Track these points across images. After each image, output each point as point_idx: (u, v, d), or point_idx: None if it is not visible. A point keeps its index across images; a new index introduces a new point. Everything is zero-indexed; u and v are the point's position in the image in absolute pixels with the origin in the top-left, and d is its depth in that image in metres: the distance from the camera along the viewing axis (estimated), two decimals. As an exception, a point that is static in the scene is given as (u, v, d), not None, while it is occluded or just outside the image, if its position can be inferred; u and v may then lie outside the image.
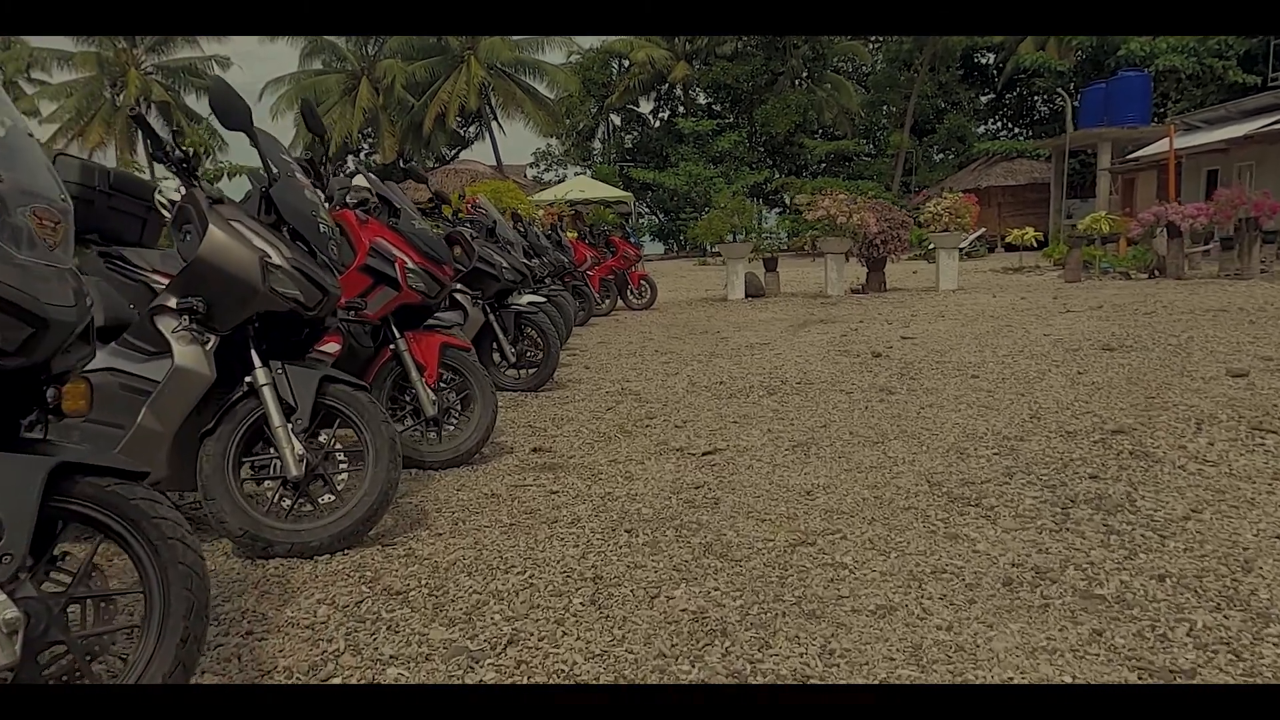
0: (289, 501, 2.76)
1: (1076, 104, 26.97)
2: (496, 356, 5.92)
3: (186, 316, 2.53)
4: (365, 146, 41.04)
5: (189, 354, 2.58)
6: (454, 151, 41.08)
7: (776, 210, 38.59)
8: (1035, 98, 39.65)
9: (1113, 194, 25.35)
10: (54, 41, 36.64)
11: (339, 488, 2.83)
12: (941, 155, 38.64)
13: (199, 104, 39.39)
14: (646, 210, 40.92)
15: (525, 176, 38.63)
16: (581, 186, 25.16)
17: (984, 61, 39.04)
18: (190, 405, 2.63)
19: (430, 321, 4.25)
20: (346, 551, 2.75)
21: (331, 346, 3.32)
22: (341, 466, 2.84)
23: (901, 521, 2.85)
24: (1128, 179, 24.39)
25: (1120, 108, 25.26)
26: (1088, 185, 28.89)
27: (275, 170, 2.74)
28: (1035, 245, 18.94)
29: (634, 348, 8.19)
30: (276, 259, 2.56)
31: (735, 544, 2.71)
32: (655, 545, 2.74)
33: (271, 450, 2.69)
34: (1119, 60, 28.39)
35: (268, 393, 2.62)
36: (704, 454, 3.88)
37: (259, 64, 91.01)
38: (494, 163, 37.22)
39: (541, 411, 5.18)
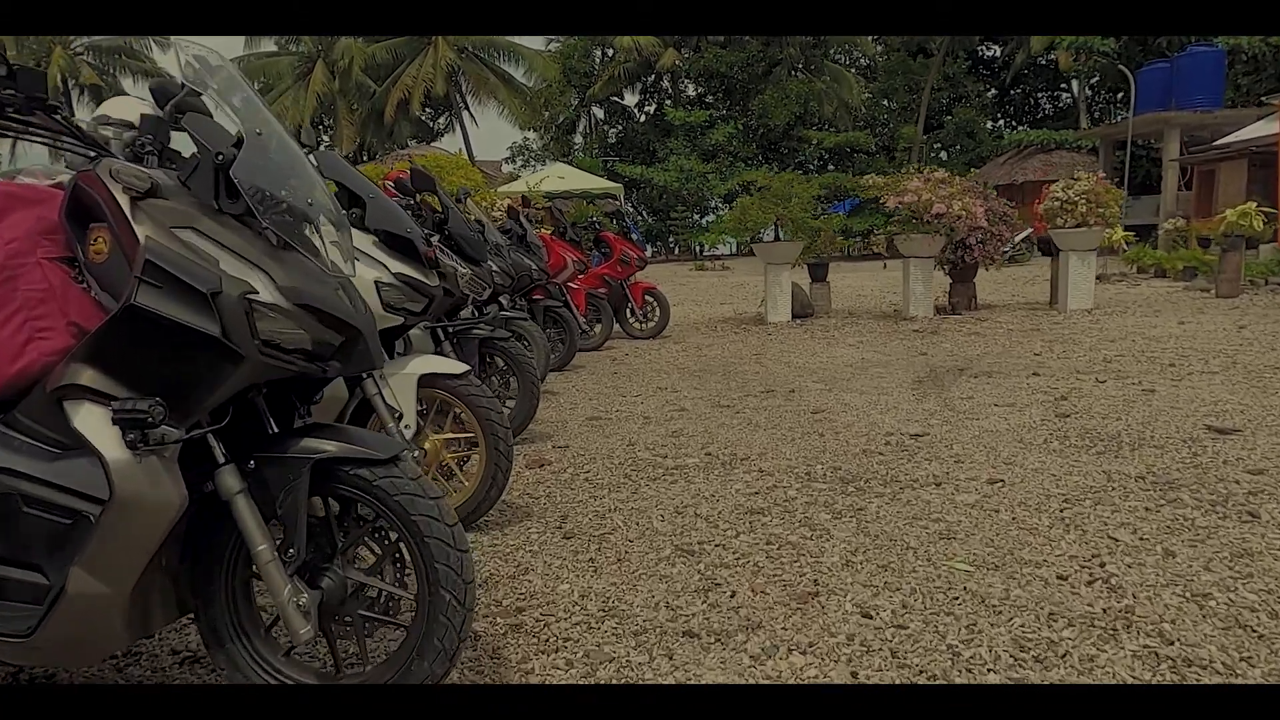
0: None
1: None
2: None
3: None
4: (325, 139, 37.03)
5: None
6: (421, 144, 37.07)
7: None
8: (1039, 94, 36.66)
9: (1181, 189, 21.75)
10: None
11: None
12: (946, 151, 35.11)
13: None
14: (633, 209, 36.97)
15: (500, 171, 34.75)
16: (560, 174, 20.87)
17: (989, 54, 35.77)
18: None
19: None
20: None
21: None
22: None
23: None
24: (1204, 171, 20.69)
25: (1188, 89, 21.69)
26: (1139, 179, 25.29)
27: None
28: (1126, 247, 15.26)
29: (657, 441, 4.24)
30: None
31: None
32: None
33: None
34: (1171, 38, 24.88)
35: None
36: None
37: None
38: (466, 157, 33.15)
39: None
